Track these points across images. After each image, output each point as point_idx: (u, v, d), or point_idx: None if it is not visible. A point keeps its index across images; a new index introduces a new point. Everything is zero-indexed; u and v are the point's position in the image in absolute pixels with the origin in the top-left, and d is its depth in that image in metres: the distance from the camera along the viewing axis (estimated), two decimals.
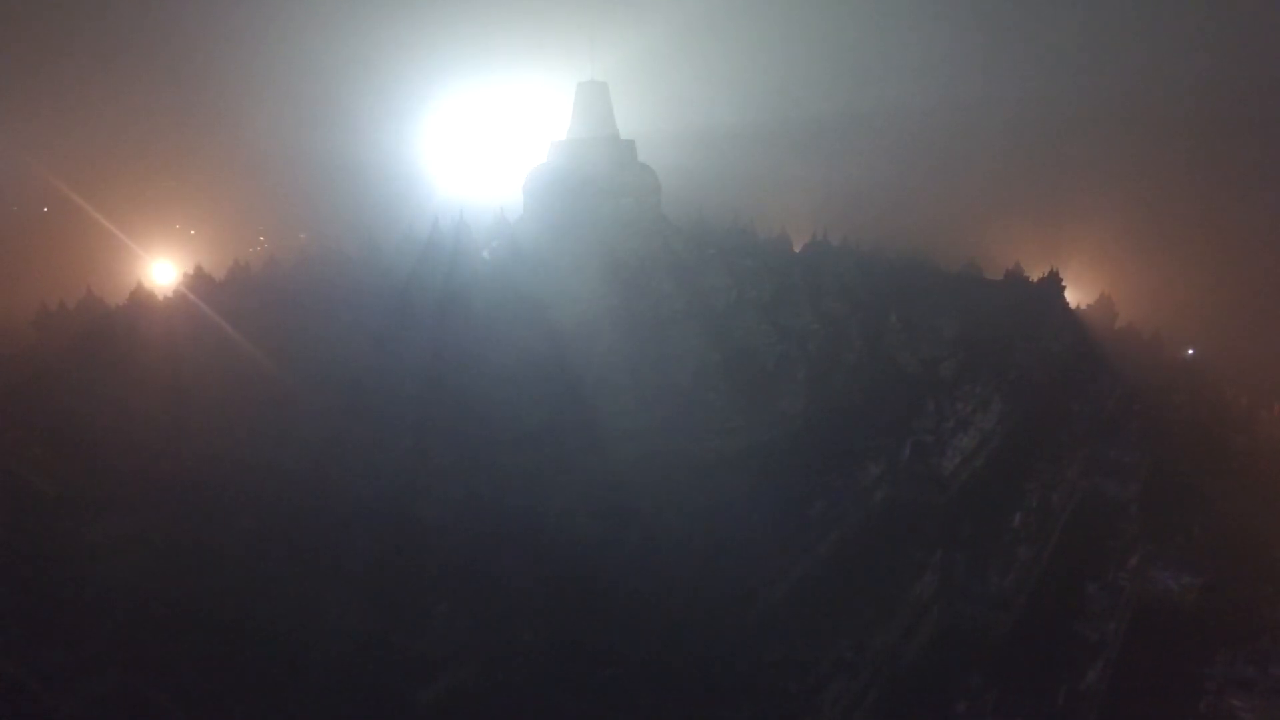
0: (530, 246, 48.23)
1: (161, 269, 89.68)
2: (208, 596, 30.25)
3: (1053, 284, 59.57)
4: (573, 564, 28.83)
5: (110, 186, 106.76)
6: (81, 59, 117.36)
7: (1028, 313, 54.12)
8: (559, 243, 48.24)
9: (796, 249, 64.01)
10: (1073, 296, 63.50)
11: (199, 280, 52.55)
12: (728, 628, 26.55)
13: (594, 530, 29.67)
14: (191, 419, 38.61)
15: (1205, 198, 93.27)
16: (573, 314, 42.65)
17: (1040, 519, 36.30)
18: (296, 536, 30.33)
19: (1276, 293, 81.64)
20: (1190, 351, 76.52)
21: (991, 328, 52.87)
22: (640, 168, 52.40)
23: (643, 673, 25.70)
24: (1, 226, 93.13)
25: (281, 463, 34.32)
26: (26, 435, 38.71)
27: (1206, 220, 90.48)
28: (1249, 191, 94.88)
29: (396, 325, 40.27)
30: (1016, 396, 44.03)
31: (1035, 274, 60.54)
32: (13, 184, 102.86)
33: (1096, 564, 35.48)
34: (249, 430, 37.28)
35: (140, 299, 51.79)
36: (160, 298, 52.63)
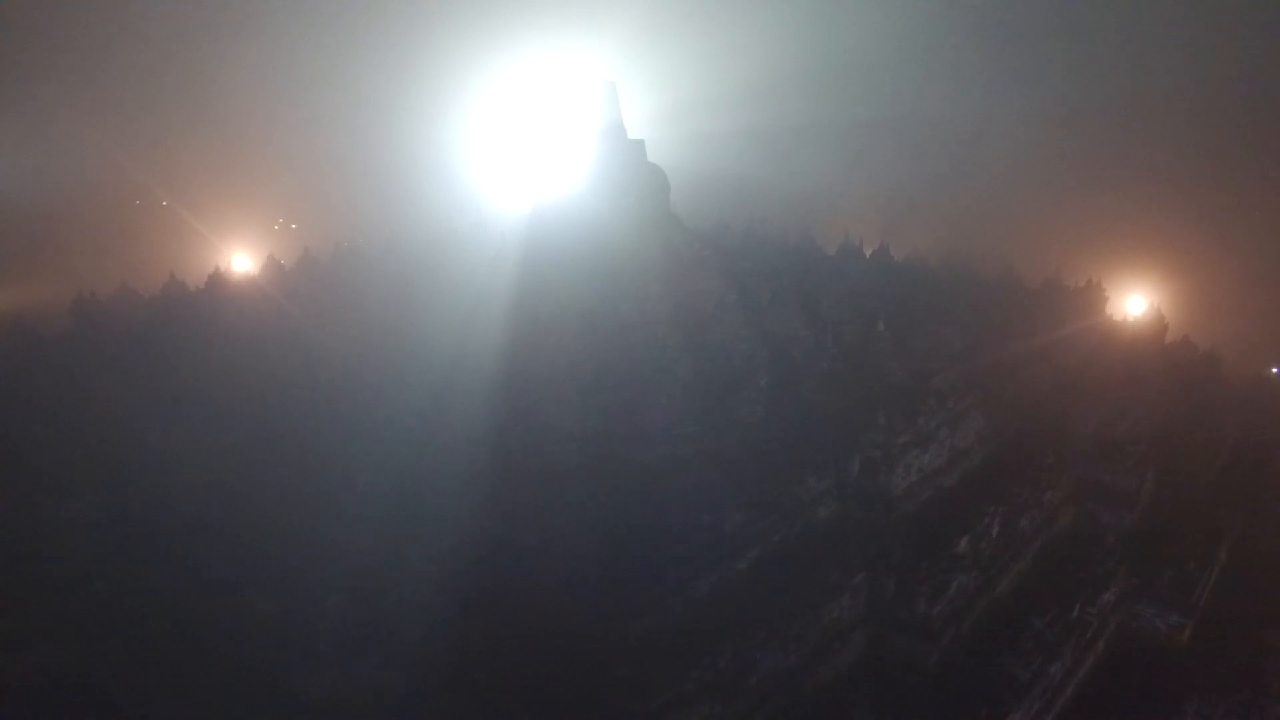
0: (525, 245, 48.41)
1: (240, 260, 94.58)
2: (156, 579, 31.67)
3: (1093, 294, 55.86)
4: (470, 566, 28.78)
5: (211, 185, 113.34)
6: (183, 68, 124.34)
7: (1052, 323, 50.94)
8: (553, 242, 48.20)
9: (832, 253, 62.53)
10: (1120, 308, 59.41)
11: (269, 268, 56.43)
12: (606, 640, 25.98)
13: (496, 532, 29.51)
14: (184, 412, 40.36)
15: None
16: (550, 313, 42.61)
17: (1003, 544, 34.11)
18: (228, 523, 31.34)
19: None
20: (1276, 370, 70.75)
21: (1024, 338, 50.24)
22: (648, 167, 51.74)
23: (511, 681, 25.46)
24: (95, 219, 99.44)
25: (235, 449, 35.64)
26: (27, 413, 41.18)
27: None
28: None
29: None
30: (1009, 412, 41.46)
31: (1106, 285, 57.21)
32: (114, 181, 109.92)
33: (1060, 597, 33.03)
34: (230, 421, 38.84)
35: (171, 291, 54.85)
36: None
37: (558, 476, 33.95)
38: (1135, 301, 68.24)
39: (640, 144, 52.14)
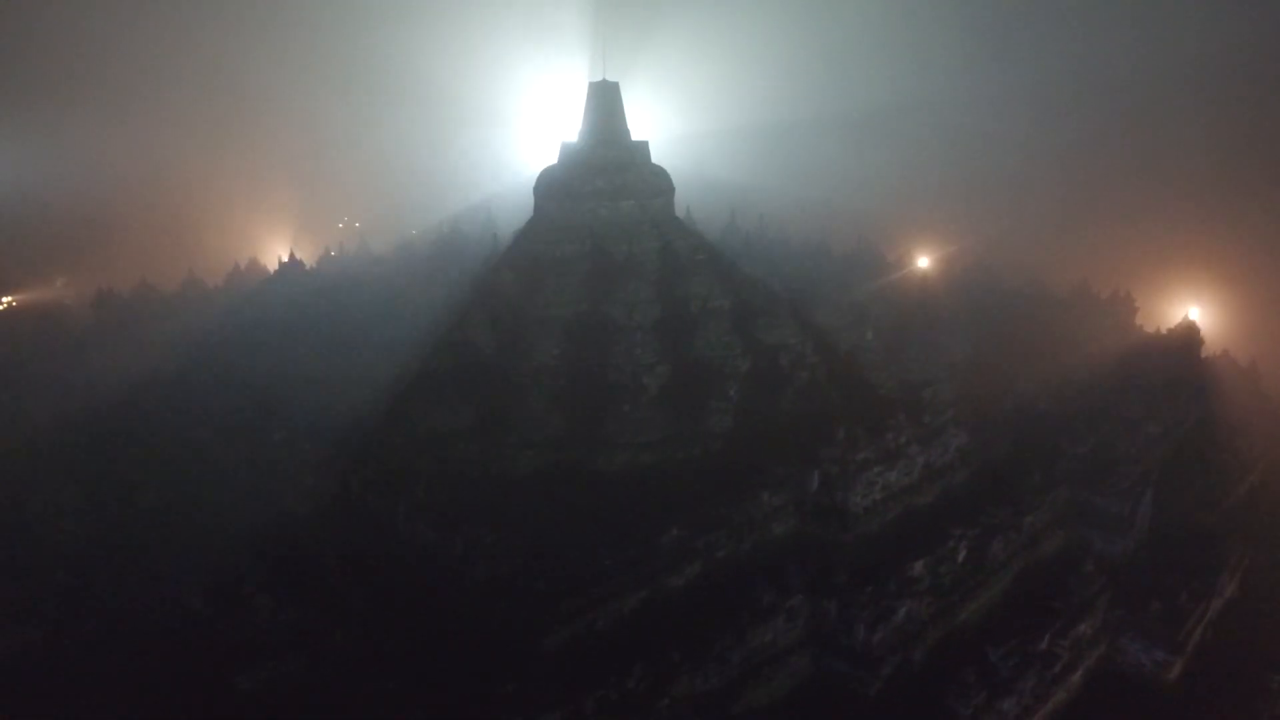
0: (521, 247, 48.38)
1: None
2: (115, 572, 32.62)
3: (1121, 305, 52.96)
4: (401, 569, 28.77)
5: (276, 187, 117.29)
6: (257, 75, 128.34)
7: (1069, 334, 48.44)
8: (550, 245, 47.96)
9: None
10: (1154, 319, 56.23)
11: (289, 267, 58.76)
12: (518, 652, 25.58)
13: (427, 537, 29.39)
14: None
15: None
16: (535, 316, 42.38)
17: (971, 570, 32.46)
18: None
19: None
20: None
21: (1033, 349, 48.07)
22: (651, 170, 51.08)
23: (420, 685, 25.27)
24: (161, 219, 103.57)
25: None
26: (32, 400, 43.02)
27: None
28: None
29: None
30: (1004, 428, 39.50)
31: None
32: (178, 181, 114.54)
33: (1026, 628, 31.21)
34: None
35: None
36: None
37: (507, 483, 33.75)
38: (1191, 313, 64.71)
39: (644, 145, 51.49)
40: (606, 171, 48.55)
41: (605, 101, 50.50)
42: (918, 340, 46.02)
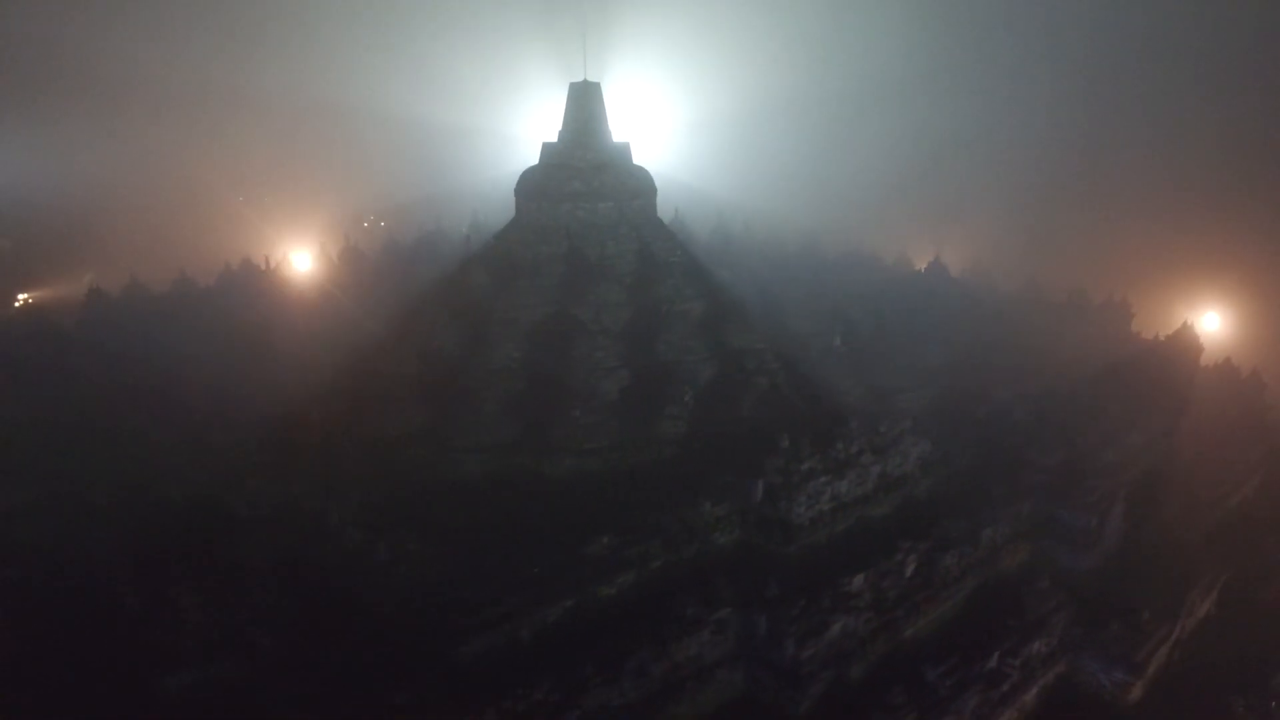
0: (495, 248, 48.25)
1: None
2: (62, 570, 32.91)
3: (1117, 310, 51.36)
4: (330, 573, 28.65)
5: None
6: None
7: (1055, 340, 47.05)
8: (528, 247, 47.74)
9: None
10: (1156, 325, 54.34)
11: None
12: (436, 661, 25.30)
13: (357, 541, 29.22)
14: None
15: None
16: (501, 318, 42.18)
17: (920, 584, 31.52)
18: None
19: None
20: None
21: (1015, 354, 46.80)
22: (630, 171, 50.64)
23: (339, 693, 25.10)
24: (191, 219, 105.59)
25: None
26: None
27: None
28: None
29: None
30: (973, 438, 38.39)
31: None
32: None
33: (974, 646, 30.26)
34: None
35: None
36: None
37: (453, 488, 33.55)
38: (1207, 319, 62.88)
39: (625, 147, 51.05)
40: (584, 173, 48.19)
41: (585, 102, 50.14)
42: (896, 346, 44.94)
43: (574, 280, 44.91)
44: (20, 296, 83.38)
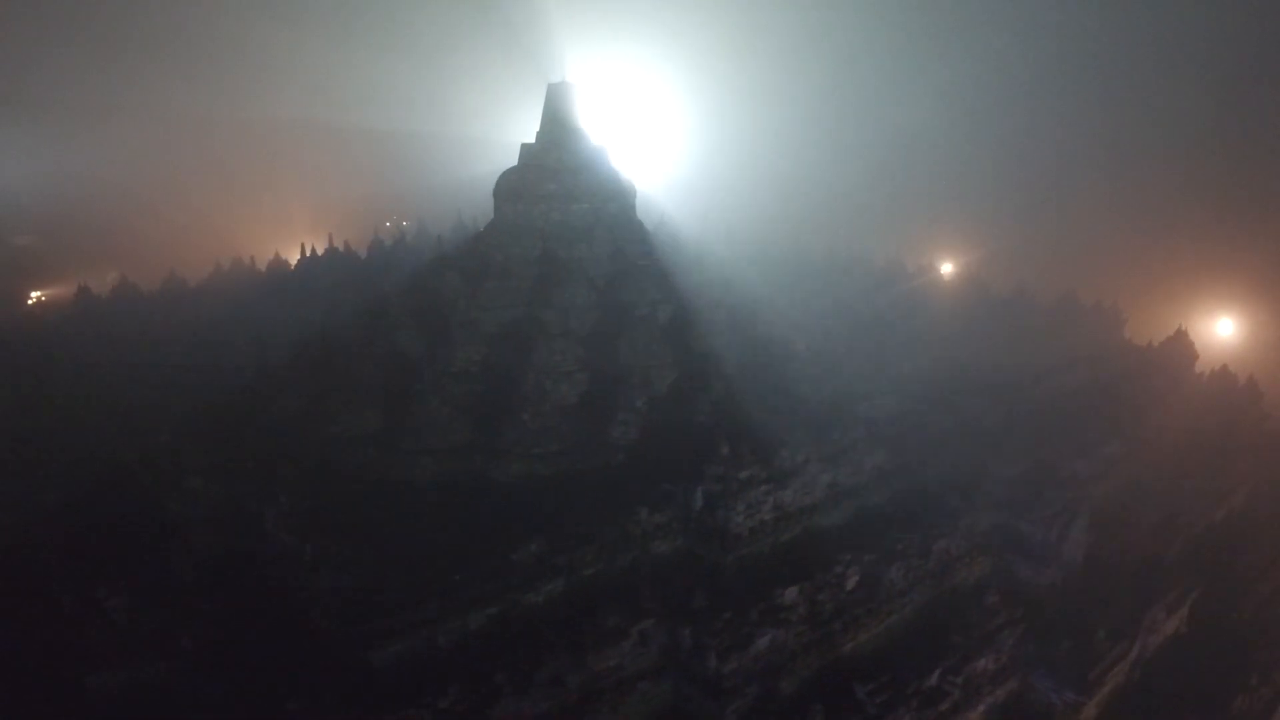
0: (467, 250, 48.23)
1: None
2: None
3: (1107, 315, 49.90)
4: (258, 575, 28.69)
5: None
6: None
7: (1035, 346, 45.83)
8: (501, 249, 47.54)
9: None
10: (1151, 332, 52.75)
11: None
12: (350, 666, 25.17)
13: (287, 543, 29.19)
14: None
15: None
16: (460, 321, 41.99)
17: (863, 598, 30.75)
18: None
19: None
20: None
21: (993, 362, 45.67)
22: (607, 173, 50.24)
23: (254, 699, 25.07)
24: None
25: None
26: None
27: None
28: None
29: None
30: (933, 447, 37.43)
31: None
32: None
33: (913, 662, 29.42)
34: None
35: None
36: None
37: (400, 491, 33.44)
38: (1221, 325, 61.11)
39: (604, 149, 50.65)
40: (560, 174, 47.85)
41: (561, 103, 49.85)
42: (870, 353, 44.03)
43: (544, 283, 44.66)
44: (34, 294, 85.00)
